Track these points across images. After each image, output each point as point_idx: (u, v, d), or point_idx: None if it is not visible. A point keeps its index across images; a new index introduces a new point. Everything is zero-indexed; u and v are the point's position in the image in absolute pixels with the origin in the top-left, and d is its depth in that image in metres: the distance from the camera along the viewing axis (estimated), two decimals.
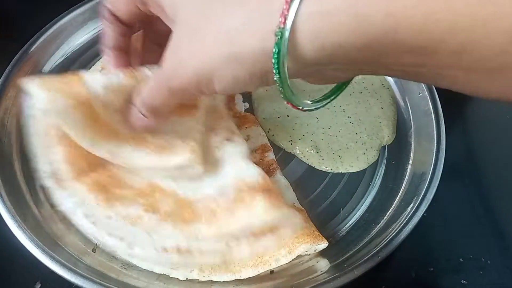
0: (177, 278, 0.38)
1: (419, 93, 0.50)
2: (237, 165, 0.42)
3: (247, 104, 0.51)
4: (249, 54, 0.26)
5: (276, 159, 0.46)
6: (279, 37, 0.25)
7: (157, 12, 0.34)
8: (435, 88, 0.50)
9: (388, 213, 0.43)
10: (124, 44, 0.39)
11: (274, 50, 0.25)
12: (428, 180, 0.43)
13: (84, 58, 0.54)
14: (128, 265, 0.39)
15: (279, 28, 0.24)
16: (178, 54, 0.30)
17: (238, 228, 0.38)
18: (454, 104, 0.55)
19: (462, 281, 0.43)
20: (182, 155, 0.39)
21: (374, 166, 0.48)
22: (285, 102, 0.30)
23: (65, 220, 0.42)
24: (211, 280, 0.38)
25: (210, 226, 0.38)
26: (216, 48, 0.27)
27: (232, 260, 0.38)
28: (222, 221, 0.38)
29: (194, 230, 0.38)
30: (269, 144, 0.47)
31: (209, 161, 0.42)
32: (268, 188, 0.39)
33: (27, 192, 0.42)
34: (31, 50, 0.50)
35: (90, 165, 0.40)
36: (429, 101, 0.49)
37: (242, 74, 0.28)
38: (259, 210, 0.37)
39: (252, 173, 0.41)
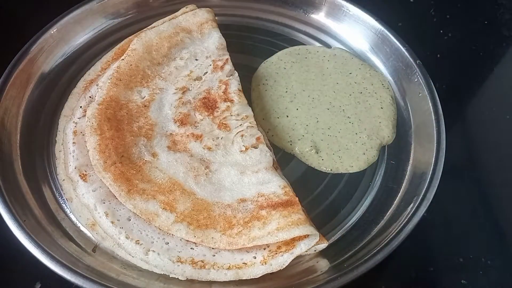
0: (177, 278, 0.38)
1: (419, 93, 0.50)
2: (259, 175, 0.42)
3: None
4: None
5: (276, 159, 0.46)
6: None
7: None
8: (435, 87, 0.50)
9: (388, 213, 0.43)
10: None
11: None
12: (428, 180, 0.43)
13: (84, 58, 0.54)
14: (128, 265, 0.39)
15: None
16: None
17: (252, 244, 0.38)
18: (454, 104, 0.55)
19: (462, 281, 0.43)
20: None
21: (374, 166, 0.48)
22: None
23: (65, 220, 0.42)
24: (211, 280, 0.38)
25: (223, 236, 0.38)
26: None
27: (244, 275, 0.38)
28: (235, 232, 0.38)
29: (207, 238, 0.38)
30: (269, 144, 0.47)
31: (232, 163, 0.43)
32: (289, 203, 0.39)
33: (27, 192, 0.42)
34: (31, 50, 0.50)
35: (119, 157, 0.42)
36: (429, 101, 0.49)
37: None
38: (273, 227, 0.38)
39: (274, 187, 0.41)
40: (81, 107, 0.47)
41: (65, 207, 0.43)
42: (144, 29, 0.53)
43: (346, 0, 0.58)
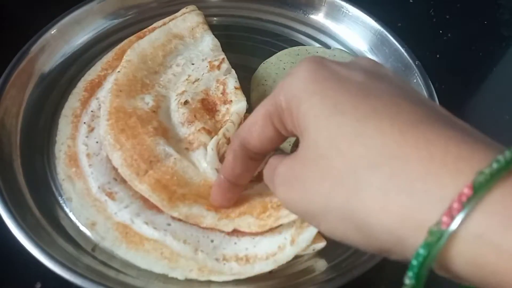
0: (176, 278, 0.38)
1: None
2: None
3: (247, 105, 0.51)
4: (374, 228, 0.21)
5: None
6: (435, 238, 0.18)
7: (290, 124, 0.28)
8: (434, 88, 0.49)
9: None
10: (244, 180, 0.35)
11: (421, 251, 0.19)
12: None
13: (84, 58, 0.54)
14: (127, 265, 0.39)
15: (438, 227, 0.18)
16: (287, 175, 0.27)
17: (277, 224, 0.38)
18: (454, 104, 0.55)
19: None
20: None
21: None
22: None
23: (65, 220, 0.42)
24: (210, 280, 0.38)
25: (257, 220, 0.39)
26: (331, 199, 0.22)
27: (281, 261, 0.38)
28: (267, 215, 0.39)
29: (243, 222, 0.39)
30: None
31: None
32: None
33: (26, 192, 0.43)
34: (31, 50, 0.50)
35: (148, 163, 0.42)
36: None
37: (356, 239, 0.23)
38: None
39: None
40: (84, 123, 0.47)
41: (65, 207, 0.43)
42: (141, 31, 0.53)
43: (345, 1, 0.58)
